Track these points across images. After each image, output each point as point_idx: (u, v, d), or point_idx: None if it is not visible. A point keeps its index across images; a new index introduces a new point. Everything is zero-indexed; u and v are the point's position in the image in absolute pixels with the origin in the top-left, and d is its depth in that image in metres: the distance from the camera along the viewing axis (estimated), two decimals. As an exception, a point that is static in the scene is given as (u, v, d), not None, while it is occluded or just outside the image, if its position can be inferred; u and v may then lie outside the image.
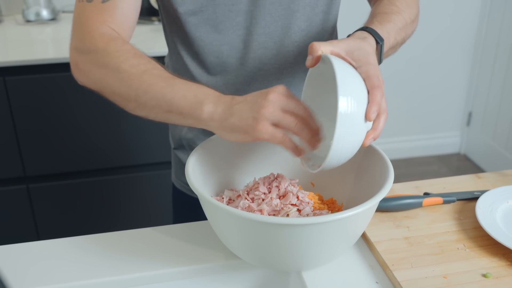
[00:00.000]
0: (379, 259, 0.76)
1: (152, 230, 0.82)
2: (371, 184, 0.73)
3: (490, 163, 2.72)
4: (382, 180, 0.70)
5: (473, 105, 2.84)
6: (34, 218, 1.80)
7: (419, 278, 0.71)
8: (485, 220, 0.80)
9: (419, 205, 0.86)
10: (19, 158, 1.69)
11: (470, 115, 2.87)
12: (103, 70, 0.73)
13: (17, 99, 1.61)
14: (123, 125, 1.72)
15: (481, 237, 0.79)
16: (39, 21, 1.93)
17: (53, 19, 1.95)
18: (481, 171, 2.75)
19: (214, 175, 0.79)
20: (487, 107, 2.72)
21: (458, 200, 0.89)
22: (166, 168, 1.65)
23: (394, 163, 1.54)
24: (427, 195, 0.89)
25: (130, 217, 1.89)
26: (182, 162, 1.03)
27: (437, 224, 0.83)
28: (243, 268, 0.76)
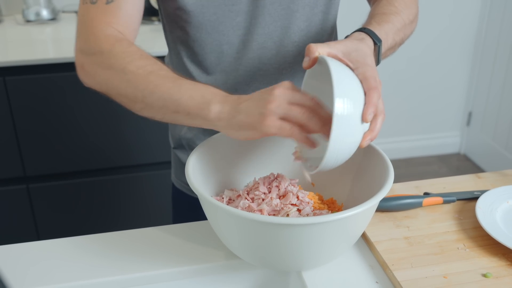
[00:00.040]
0: (379, 259, 0.76)
1: (152, 230, 0.82)
2: (371, 184, 0.73)
3: (490, 163, 2.72)
4: (382, 180, 0.70)
5: (473, 105, 2.84)
6: (34, 218, 1.80)
7: (419, 278, 0.71)
8: (485, 220, 0.80)
9: (419, 205, 0.86)
10: (19, 158, 1.69)
11: (470, 115, 2.87)
12: (109, 72, 0.73)
13: (17, 99, 1.61)
14: (123, 125, 1.72)
15: (481, 237, 0.79)
16: (39, 21, 1.93)
17: (53, 19, 1.95)
18: (481, 171, 2.75)
19: (214, 175, 0.79)
20: (487, 107, 2.72)
21: (458, 200, 0.89)
22: (166, 168, 1.65)
23: (394, 163, 1.54)
24: (427, 195, 0.89)
25: (130, 217, 1.89)
26: (181, 161, 1.03)
27: (437, 224, 0.83)
28: (243, 268, 0.76)
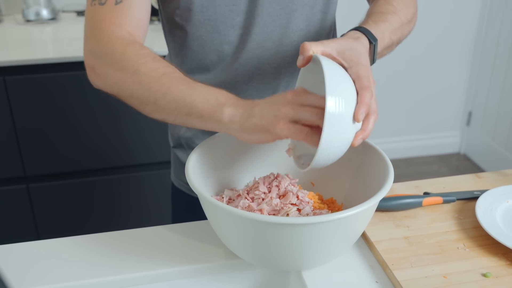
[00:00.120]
0: (379, 258, 0.76)
1: (151, 229, 0.82)
2: (371, 184, 0.73)
3: (490, 162, 2.72)
4: (382, 179, 0.70)
5: (473, 105, 2.84)
6: (34, 218, 1.80)
7: (419, 278, 0.71)
8: (485, 219, 0.80)
9: (419, 204, 0.86)
10: (19, 158, 1.69)
11: (470, 115, 2.87)
12: (121, 74, 0.72)
13: (17, 99, 1.61)
14: (122, 125, 1.72)
15: (481, 236, 0.79)
16: (39, 20, 1.93)
17: (53, 18, 1.95)
18: (481, 170, 2.75)
19: (214, 174, 0.79)
20: (487, 107, 2.72)
21: (458, 199, 0.89)
22: (165, 167, 1.65)
23: (394, 163, 1.54)
24: (427, 194, 0.89)
25: (129, 217, 1.89)
26: (181, 161, 1.03)
27: (437, 223, 0.83)
28: (243, 268, 0.76)
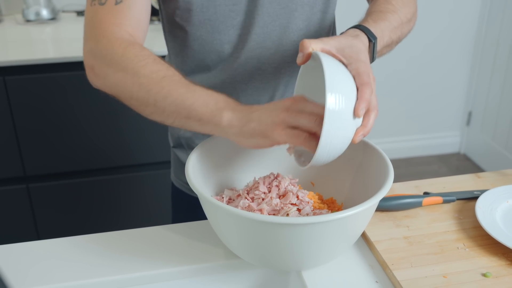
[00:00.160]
0: (379, 258, 0.76)
1: (151, 229, 0.82)
2: (371, 184, 0.73)
3: (490, 162, 2.72)
4: (382, 179, 0.70)
5: (473, 104, 2.84)
6: (34, 218, 1.80)
7: (419, 278, 0.71)
8: (485, 219, 0.80)
9: (419, 204, 0.86)
10: (19, 158, 1.69)
11: (470, 114, 2.87)
12: (121, 74, 0.72)
13: (17, 99, 1.61)
14: (122, 125, 1.72)
15: (481, 236, 0.79)
16: (39, 20, 1.93)
17: (53, 18, 1.95)
18: (481, 170, 2.75)
19: (214, 174, 0.79)
20: (487, 107, 2.72)
21: (458, 199, 0.89)
22: (165, 167, 1.65)
23: (394, 163, 1.54)
24: (427, 194, 0.89)
25: (129, 216, 1.89)
26: (181, 161, 1.03)
27: (437, 223, 0.83)
28: (243, 268, 0.76)
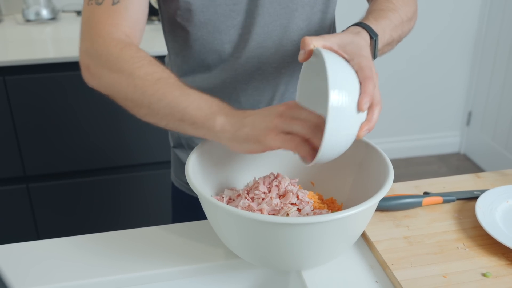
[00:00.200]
0: (379, 258, 0.76)
1: (151, 229, 0.82)
2: (371, 184, 0.73)
3: (490, 162, 2.72)
4: (382, 179, 0.70)
5: (473, 104, 2.84)
6: (34, 218, 1.80)
7: (418, 278, 0.71)
8: (485, 219, 0.80)
9: (419, 204, 0.86)
10: (19, 158, 1.69)
11: (470, 114, 2.87)
12: (116, 75, 0.72)
13: (17, 99, 1.61)
14: (122, 125, 1.72)
15: (481, 236, 0.79)
16: (39, 20, 1.93)
17: (53, 18, 1.95)
18: (481, 170, 2.75)
19: (214, 174, 0.79)
20: (487, 107, 2.72)
21: (458, 199, 0.89)
22: (165, 167, 1.65)
23: (394, 163, 1.54)
24: (427, 194, 0.89)
25: (129, 216, 1.89)
26: (181, 161, 1.04)
27: (436, 223, 0.83)
28: (243, 268, 0.76)
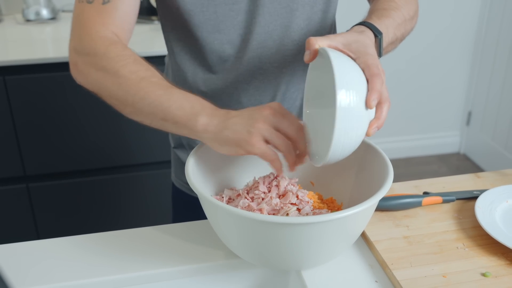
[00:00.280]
0: (378, 258, 0.76)
1: (151, 229, 0.82)
2: (370, 183, 0.73)
3: (490, 162, 2.72)
4: (382, 179, 0.70)
5: (472, 104, 2.84)
6: (34, 218, 1.80)
7: (418, 277, 0.71)
8: (485, 219, 0.80)
9: (418, 204, 0.86)
10: (19, 158, 1.69)
11: (469, 114, 2.87)
12: (101, 73, 0.73)
13: (17, 99, 1.61)
14: (123, 124, 1.72)
15: (480, 236, 0.79)
16: (39, 20, 1.93)
17: (53, 18, 1.95)
18: (481, 170, 2.75)
19: (214, 174, 0.79)
20: (487, 107, 2.72)
21: (457, 199, 0.89)
22: (166, 167, 1.65)
23: (394, 163, 1.54)
24: (426, 194, 0.89)
25: (130, 216, 1.89)
26: (181, 161, 1.04)
27: (436, 223, 0.83)
28: (243, 267, 0.76)
